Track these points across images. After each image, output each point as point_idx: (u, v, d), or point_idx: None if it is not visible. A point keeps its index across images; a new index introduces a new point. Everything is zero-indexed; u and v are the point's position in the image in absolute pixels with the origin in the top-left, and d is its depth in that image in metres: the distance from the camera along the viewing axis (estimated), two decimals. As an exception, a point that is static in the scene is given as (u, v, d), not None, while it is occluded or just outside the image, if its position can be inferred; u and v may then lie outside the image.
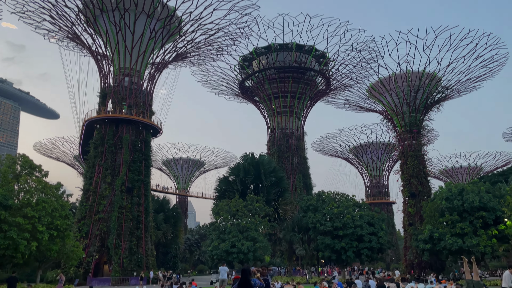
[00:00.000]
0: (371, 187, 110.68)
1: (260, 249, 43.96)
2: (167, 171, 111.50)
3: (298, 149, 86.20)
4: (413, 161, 56.89)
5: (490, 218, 40.90)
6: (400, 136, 59.55)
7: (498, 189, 44.85)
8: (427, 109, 59.11)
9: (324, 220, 46.45)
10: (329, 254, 46.07)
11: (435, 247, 42.34)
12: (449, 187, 44.82)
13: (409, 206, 56.60)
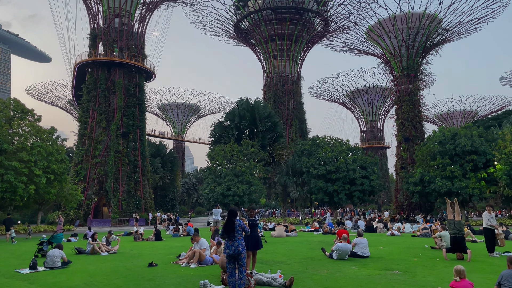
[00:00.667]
0: (366, 132, 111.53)
1: (255, 192, 45.15)
2: (162, 116, 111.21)
3: (294, 94, 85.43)
4: (409, 105, 56.73)
5: (481, 162, 41.65)
6: (397, 80, 58.84)
7: (491, 133, 45.27)
8: (425, 52, 57.83)
9: (318, 164, 47.21)
10: (322, 197, 47.42)
11: (425, 189, 43.53)
12: (443, 131, 45.15)
13: (402, 150, 57.39)
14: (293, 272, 10.88)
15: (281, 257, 13.91)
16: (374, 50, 62.74)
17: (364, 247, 13.60)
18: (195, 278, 9.83)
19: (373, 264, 12.13)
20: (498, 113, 66.09)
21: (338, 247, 13.08)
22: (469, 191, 40.98)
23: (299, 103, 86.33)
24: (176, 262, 12.57)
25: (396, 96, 59.78)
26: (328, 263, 12.49)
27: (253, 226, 10.50)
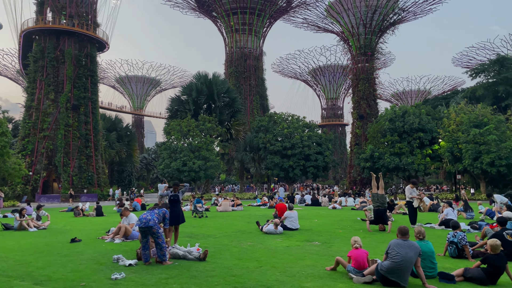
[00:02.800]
0: (327, 109, 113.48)
1: (212, 168, 45.20)
2: (121, 89, 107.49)
3: (256, 70, 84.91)
4: (364, 84, 57.97)
5: (427, 139, 43.64)
6: (355, 59, 59.73)
7: (438, 112, 47.31)
8: (382, 32, 58.83)
9: (274, 140, 47.71)
10: (278, 172, 48.18)
11: (374, 165, 45.18)
12: (394, 109, 46.67)
13: (357, 127, 58.98)
14: (217, 245, 11.05)
15: (213, 231, 14.07)
16: (333, 27, 63.07)
17: (293, 220, 13.99)
18: (113, 253, 9.75)
19: (298, 236, 12.53)
20: (448, 93, 69.19)
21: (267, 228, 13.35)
22: (415, 167, 43.00)
23: (261, 79, 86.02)
24: (102, 237, 12.42)
25: (353, 74, 60.82)
26: (256, 236, 12.78)
27: (175, 202, 10.51)
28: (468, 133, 38.75)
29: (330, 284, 6.97)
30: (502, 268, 6.91)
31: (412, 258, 6.75)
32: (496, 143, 36.87)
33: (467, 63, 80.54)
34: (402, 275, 6.69)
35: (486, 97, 48.72)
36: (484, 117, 40.20)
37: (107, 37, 54.23)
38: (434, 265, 7.39)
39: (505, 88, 46.75)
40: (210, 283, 7.04)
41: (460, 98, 50.88)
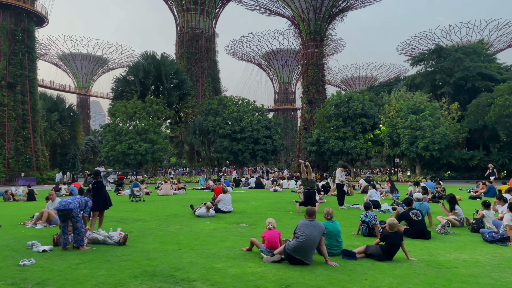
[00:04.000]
0: (280, 94, 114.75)
1: (160, 151, 44.43)
2: (64, 67, 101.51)
3: (208, 51, 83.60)
4: (314, 69, 59.10)
5: (369, 124, 45.66)
6: (305, 44, 60.54)
7: (380, 98, 49.49)
8: (332, 18, 59.97)
9: (224, 124, 47.68)
10: (227, 156, 48.35)
11: (320, 149, 46.71)
12: (340, 95, 48.19)
13: (306, 112, 60.25)
14: (143, 229, 11.02)
15: (145, 215, 13.99)
16: (284, 11, 63.30)
17: (227, 203, 14.24)
18: (30, 239, 9.43)
19: (229, 219, 12.79)
20: (392, 80, 72.59)
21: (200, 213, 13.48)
22: (357, 150, 44.96)
23: (213, 61, 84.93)
24: (24, 223, 11.94)
25: (303, 59, 61.71)
26: (187, 219, 12.88)
27: (99, 188, 10.35)
28: (406, 119, 40.99)
29: (240, 264, 7.25)
30: (398, 245, 7.54)
31: (316, 238, 7.17)
32: (430, 128, 39.33)
33: (410, 51, 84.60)
34: (307, 254, 7.10)
35: (424, 85, 51.55)
36: (421, 104, 42.64)
37: (46, 11, 50.80)
38: (339, 243, 7.89)
39: (441, 76, 49.67)
40: (122, 267, 7.05)
41: (402, 85, 53.46)
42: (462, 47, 53.05)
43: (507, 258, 7.61)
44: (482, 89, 47.82)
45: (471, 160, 45.96)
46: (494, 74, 48.50)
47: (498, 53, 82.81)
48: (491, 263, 7.28)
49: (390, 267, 6.98)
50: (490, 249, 8.41)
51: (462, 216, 11.24)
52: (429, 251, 8.26)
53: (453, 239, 9.58)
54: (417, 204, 11.07)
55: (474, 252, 8.17)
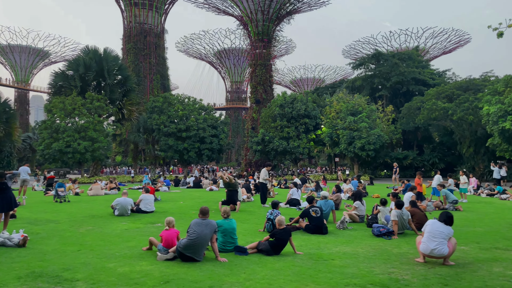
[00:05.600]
0: (232, 92, 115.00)
1: (100, 149, 43.11)
2: (1, 59, 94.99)
3: (157, 48, 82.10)
4: (262, 69, 60.03)
5: (312, 125, 47.22)
6: (253, 44, 61.28)
7: (323, 99, 51.30)
8: (279, 20, 61.18)
9: (169, 122, 47.19)
10: (172, 155, 47.92)
11: (265, 148, 47.62)
12: (285, 96, 49.35)
13: (254, 111, 61.05)
14: (53, 230, 10.87)
15: (62, 216, 13.71)
16: (233, 11, 63.66)
17: (148, 203, 14.32)
18: None
19: (146, 219, 12.90)
20: (336, 82, 75.52)
21: (117, 201, 13.49)
22: (300, 150, 46.34)
23: (162, 57, 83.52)
24: None
25: (251, 59, 62.43)
26: (104, 220, 12.82)
27: (3, 189, 10.08)
28: (345, 120, 42.87)
29: (133, 263, 7.46)
30: (286, 241, 8.12)
31: (208, 235, 7.56)
32: (367, 130, 41.42)
33: (355, 55, 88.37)
34: (197, 251, 7.47)
35: (364, 87, 54.14)
36: (359, 106, 44.76)
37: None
38: (234, 240, 8.34)
39: (379, 80, 52.42)
40: (10, 268, 7.02)
41: (344, 88, 55.73)
42: (399, 53, 56.28)
43: (383, 251, 8.44)
44: (416, 93, 51.04)
45: (405, 160, 48.99)
46: (427, 79, 51.98)
47: (433, 59, 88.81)
48: (366, 255, 8.06)
49: (274, 261, 7.53)
50: (374, 242, 9.26)
51: (363, 213, 12.17)
52: (319, 245, 8.95)
53: (347, 233, 10.40)
54: (323, 201, 11.85)
55: (358, 245, 8.97)
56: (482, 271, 6.79)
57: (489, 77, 44.32)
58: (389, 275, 6.60)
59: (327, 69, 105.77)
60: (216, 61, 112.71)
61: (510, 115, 30.68)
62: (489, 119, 32.22)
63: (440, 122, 42.88)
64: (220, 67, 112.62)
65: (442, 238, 7.22)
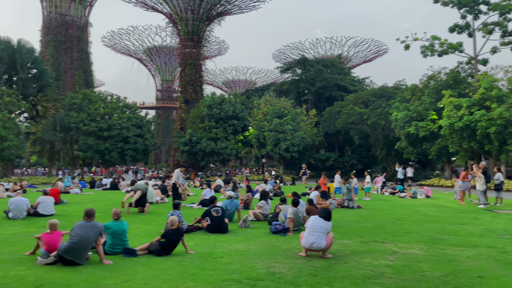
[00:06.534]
0: (162, 91, 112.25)
1: (10, 149, 39.50)
2: None
3: (80, 41, 77.57)
4: (191, 69, 59.41)
5: (240, 126, 47.77)
6: (183, 43, 60.45)
7: (251, 101, 52.20)
8: (210, 20, 61.09)
9: (89, 121, 44.72)
10: (92, 155, 45.47)
11: (193, 149, 47.17)
12: (213, 97, 49.35)
13: (183, 111, 60.18)
14: None
15: None
16: (162, 8, 62.25)
17: (47, 206, 13.50)
18: None
19: (41, 223, 12.06)
20: (265, 85, 77.46)
21: (11, 202, 12.55)
22: (228, 151, 46.63)
23: (85, 52, 79.10)
24: None
25: (181, 58, 61.55)
26: None
27: None
28: (272, 122, 44.05)
29: (10, 268, 7.00)
30: (177, 241, 8.15)
31: (91, 238, 7.33)
32: (291, 132, 42.95)
33: (284, 59, 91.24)
34: (79, 254, 7.20)
35: (291, 91, 56.12)
36: (285, 109, 46.28)
37: None
38: (124, 242, 8.18)
39: (305, 85, 54.68)
40: None
41: (272, 91, 57.24)
42: (323, 59, 59.19)
43: (274, 247, 8.84)
44: (338, 98, 54.01)
45: (327, 161, 51.64)
46: (348, 86, 55.31)
47: (356, 67, 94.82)
48: (256, 251, 8.38)
49: (162, 261, 7.52)
50: (269, 239, 9.66)
51: (267, 211, 12.63)
52: (215, 244, 9.11)
53: (247, 232, 10.73)
54: (228, 201, 12.09)
55: (253, 243, 9.29)
56: (353, 262, 7.42)
57: (400, 85, 48.35)
58: (268, 269, 6.95)
59: (258, 72, 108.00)
60: (145, 59, 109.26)
61: (414, 120, 33.82)
62: (397, 124, 35.19)
63: (357, 126, 45.86)
64: (150, 65, 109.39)
65: (321, 233, 7.77)
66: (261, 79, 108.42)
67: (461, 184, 18.87)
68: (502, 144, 26.63)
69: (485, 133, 26.47)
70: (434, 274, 6.64)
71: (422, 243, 9.10)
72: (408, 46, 34.06)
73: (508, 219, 13.14)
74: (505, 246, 8.70)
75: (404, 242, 9.27)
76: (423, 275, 6.58)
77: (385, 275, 6.60)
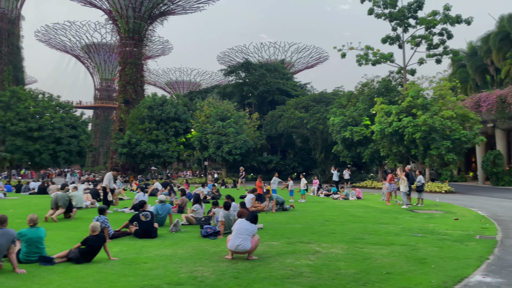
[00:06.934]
0: (101, 90, 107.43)
1: None
2: None
3: (10, 35, 71.93)
4: (132, 68, 57.48)
5: (182, 128, 47.02)
6: (123, 41, 58.35)
7: (194, 103, 51.66)
8: (152, 19, 59.59)
9: (17, 120, 41.60)
10: (21, 157, 42.32)
11: (132, 151, 45.61)
12: (155, 97, 48.16)
13: (122, 112, 57.96)
14: None
15: None
16: (101, 4, 59.63)
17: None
18: None
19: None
20: (209, 87, 77.20)
21: None
22: (169, 153, 45.68)
23: (16, 47, 73.51)
24: None
25: (120, 57, 59.37)
26: None
27: None
28: (214, 125, 43.91)
29: None
30: (99, 247, 7.87)
31: (3, 246, 6.87)
32: (234, 135, 43.12)
33: (229, 62, 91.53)
34: (-13, 264, 6.71)
35: (235, 94, 56.39)
36: (228, 112, 46.38)
37: None
38: (40, 250, 7.73)
39: (248, 88, 55.22)
40: None
41: (216, 93, 57.10)
42: (266, 64, 60.25)
43: (202, 250, 8.84)
44: (280, 102, 55.22)
45: (269, 164, 52.49)
46: (290, 91, 56.75)
47: (298, 72, 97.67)
48: (183, 256, 8.33)
49: (81, 269, 7.22)
50: (198, 243, 9.64)
51: (201, 215, 12.60)
52: (141, 250, 8.92)
53: (178, 236, 10.63)
54: (159, 205, 11.89)
55: (181, 247, 9.22)
56: (276, 263, 7.65)
57: (339, 91, 50.53)
58: (191, 273, 6.94)
59: (203, 74, 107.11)
60: (83, 56, 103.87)
61: (350, 125, 35.55)
62: (334, 128, 36.75)
63: (298, 130, 47.21)
64: (88, 63, 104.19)
65: (247, 235, 7.92)
66: (206, 81, 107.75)
67: (388, 186, 20.16)
68: (426, 148, 28.81)
69: (412, 138, 28.49)
70: (349, 271, 7.05)
71: (343, 243, 9.60)
72: (344, 55, 35.81)
73: (425, 218, 14.27)
74: (416, 244, 9.44)
75: (328, 242, 9.72)
76: (338, 273, 6.96)
77: (303, 274, 6.89)
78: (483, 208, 17.35)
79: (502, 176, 34.66)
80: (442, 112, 28.29)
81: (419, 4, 34.03)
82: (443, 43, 34.10)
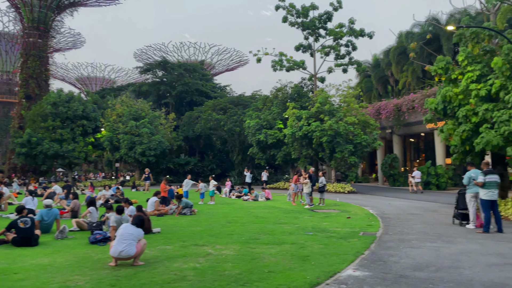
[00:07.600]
0: (1, 84, 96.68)
1: None
2: None
3: None
4: (35, 61, 52.62)
5: (90, 127, 44.20)
6: (26, 32, 53.15)
7: (106, 101, 48.91)
8: (61, 9, 55.20)
9: None
10: None
11: (32, 151, 41.65)
12: (60, 93, 44.61)
13: (23, 108, 52.74)
14: None
15: None
16: (0, -12, 53.71)
17: None
18: None
19: None
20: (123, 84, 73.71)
21: None
22: (75, 154, 42.59)
23: None
24: None
25: (23, 48, 54.01)
26: None
27: None
28: (127, 124, 41.98)
29: None
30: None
31: None
32: (148, 135, 41.67)
33: (147, 60, 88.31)
34: None
35: (151, 93, 54.56)
36: (142, 111, 44.69)
37: None
38: None
39: (166, 88, 53.83)
40: None
41: (130, 91, 54.65)
42: (185, 64, 59.33)
43: (85, 258, 8.29)
44: (199, 103, 54.76)
45: (186, 166, 51.58)
46: (209, 92, 56.55)
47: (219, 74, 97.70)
48: (62, 264, 7.72)
49: None
50: (83, 250, 9.04)
51: (95, 220, 11.86)
52: (16, 259, 8.11)
53: (63, 243, 9.86)
54: (45, 211, 10.95)
55: (63, 255, 8.55)
56: (162, 268, 7.46)
57: (257, 95, 51.63)
58: (64, 283, 6.45)
59: (118, 70, 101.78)
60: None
61: (264, 128, 36.52)
62: (249, 131, 37.44)
63: (216, 131, 47.21)
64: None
65: (132, 240, 7.61)
66: (122, 78, 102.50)
67: (293, 187, 21.04)
68: (332, 152, 30.70)
69: (319, 142, 30.16)
70: (233, 272, 7.13)
71: (238, 244, 9.73)
72: (259, 60, 36.73)
73: (321, 217, 15.14)
74: (305, 242, 9.92)
75: (223, 243, 9.78)
76: (222, 274, 7.01)
77: (187, 278, 6.81)
78: (375, 207, 18.95)
79: (398, 177, 38.36)
80: (346, 118, 30.41)
81: (329, 16, 36.24)
82: (348, 54, 36.71)
